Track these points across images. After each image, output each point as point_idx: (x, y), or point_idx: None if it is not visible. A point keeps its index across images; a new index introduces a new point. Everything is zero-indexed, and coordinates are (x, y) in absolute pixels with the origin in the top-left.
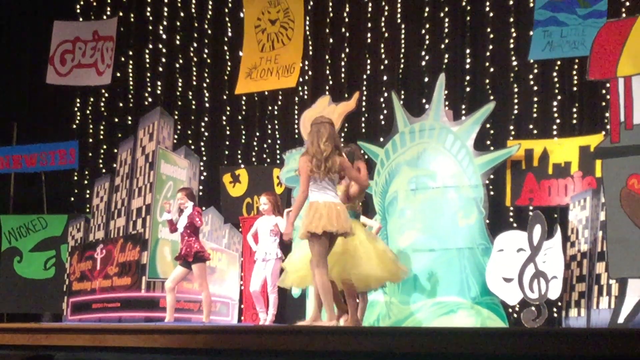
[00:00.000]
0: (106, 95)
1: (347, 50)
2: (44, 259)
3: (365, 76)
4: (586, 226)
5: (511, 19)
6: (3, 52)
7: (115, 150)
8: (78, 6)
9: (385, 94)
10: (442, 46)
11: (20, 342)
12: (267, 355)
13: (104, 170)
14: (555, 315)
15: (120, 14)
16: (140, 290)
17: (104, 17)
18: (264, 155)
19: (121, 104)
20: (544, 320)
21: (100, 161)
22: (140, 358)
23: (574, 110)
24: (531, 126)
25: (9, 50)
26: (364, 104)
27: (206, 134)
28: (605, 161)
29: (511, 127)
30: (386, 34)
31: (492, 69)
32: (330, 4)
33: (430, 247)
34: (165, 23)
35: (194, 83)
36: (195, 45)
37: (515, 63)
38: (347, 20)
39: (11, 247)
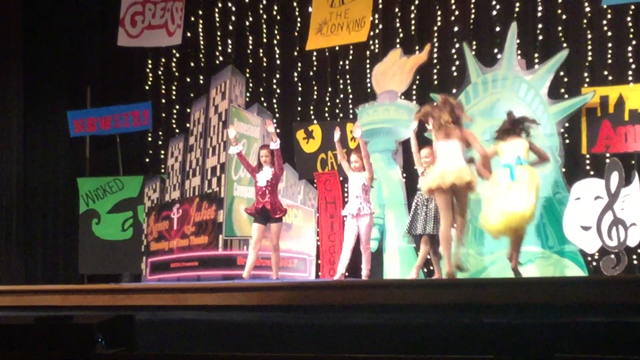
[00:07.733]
0: (177, 55)
1: (417, 2)
2: (122, 220)
3: (435, 28)
4: None
5: None
6: (74, 16)
7: (189, 110)
8: None
9: (457, 45)
10: None
11: (102, 302)
12: (345, 310)
13: (177, 131)
14: (635, 262)
15: None
16: (218, 249)
17: None
18: (337, 111)
19: (192, 64)
20: (623, 268)
21: (174, 121)
22: (220, 315)
23: None
24: (606, 72)
25: (79, 14)
26: (435, 55)
27: (278, 91)
28: None
29: (585, 74)
30: None
31: (564, 16)
32: None
33: None
34: None
35: (265, 40)
36: (264, 2)
37: (588, 9)
38: None
39: (89, 209)
